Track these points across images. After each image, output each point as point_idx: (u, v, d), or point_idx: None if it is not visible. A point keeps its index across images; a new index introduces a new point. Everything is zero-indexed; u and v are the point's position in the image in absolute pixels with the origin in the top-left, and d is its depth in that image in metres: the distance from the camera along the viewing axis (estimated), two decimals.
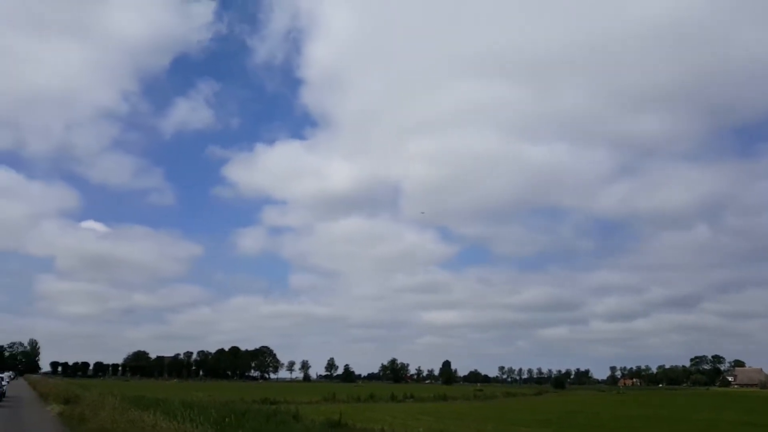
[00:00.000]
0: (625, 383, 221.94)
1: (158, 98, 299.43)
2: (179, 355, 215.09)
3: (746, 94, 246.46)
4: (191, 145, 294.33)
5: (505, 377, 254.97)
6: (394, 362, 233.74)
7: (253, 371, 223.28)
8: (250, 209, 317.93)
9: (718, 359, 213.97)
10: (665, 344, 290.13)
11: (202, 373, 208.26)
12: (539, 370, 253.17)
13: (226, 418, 16.59)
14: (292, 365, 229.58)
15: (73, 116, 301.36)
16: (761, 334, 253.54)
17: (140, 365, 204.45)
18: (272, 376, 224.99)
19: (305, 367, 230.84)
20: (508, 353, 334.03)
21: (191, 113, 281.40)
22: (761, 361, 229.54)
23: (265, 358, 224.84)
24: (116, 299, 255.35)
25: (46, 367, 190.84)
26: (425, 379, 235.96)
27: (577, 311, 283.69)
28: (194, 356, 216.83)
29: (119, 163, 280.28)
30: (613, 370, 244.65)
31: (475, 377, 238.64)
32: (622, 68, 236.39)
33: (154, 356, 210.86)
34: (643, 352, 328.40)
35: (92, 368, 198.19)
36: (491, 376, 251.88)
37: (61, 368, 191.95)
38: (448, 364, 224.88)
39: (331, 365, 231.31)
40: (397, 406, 52.84)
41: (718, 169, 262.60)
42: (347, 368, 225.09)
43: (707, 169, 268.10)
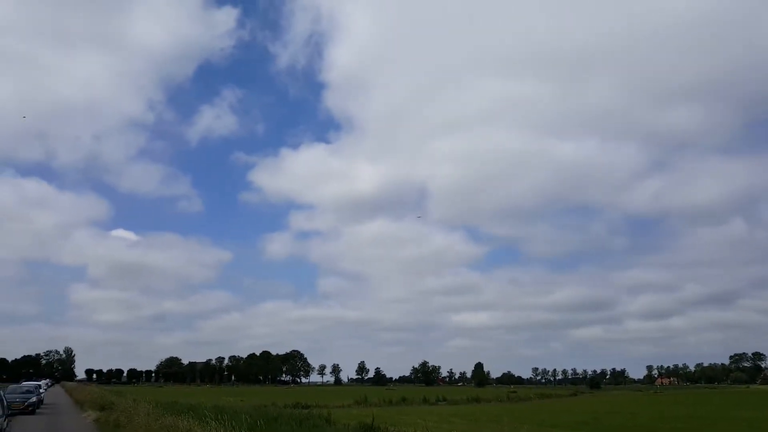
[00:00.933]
0: (662, 382, 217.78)
1: (183, 106, 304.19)
2: (211, 360, 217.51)
3: None
4: (217, 151, 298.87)
5: (539, 379, 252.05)
6: (425, 365, 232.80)
7: (284, 375, 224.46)
8: (277, 214, 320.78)
9: (758, 356, 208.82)
10: (703, 342, 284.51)
11: (234, 378, 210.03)
12: (574, 371, 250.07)
13: (258, 423, 16.47)
14: (323, 369, 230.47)
15: (100, 126, 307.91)
16: None
17: (173, 371, 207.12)
18: (303, 380, 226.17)
19: (336, 370, 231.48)
20: (541, 354, 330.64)
21: (216, 120, 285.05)
22: None
23: (295, 362, 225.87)
24: (147, 307, 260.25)
25: (81, 374, 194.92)
26: (457, 381, 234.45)
27: (610, 310, 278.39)
28: (226, 361, 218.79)
29: (147, 171, 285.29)
30: (649, 369, 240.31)
31: (508, 379, 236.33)
32: (651, 61, 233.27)
33: (186, 362, 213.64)
34: (680, 350, 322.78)
35: (126, 375, 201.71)
36: (524, 377, 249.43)
37: (95, 375, 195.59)
38: (480, 366, 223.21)
39: (361, 368, 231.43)
40: (429, 409, 52.44)
41: (752, 161, 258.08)
42: (378, 371, 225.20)
43: (741, 161, 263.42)
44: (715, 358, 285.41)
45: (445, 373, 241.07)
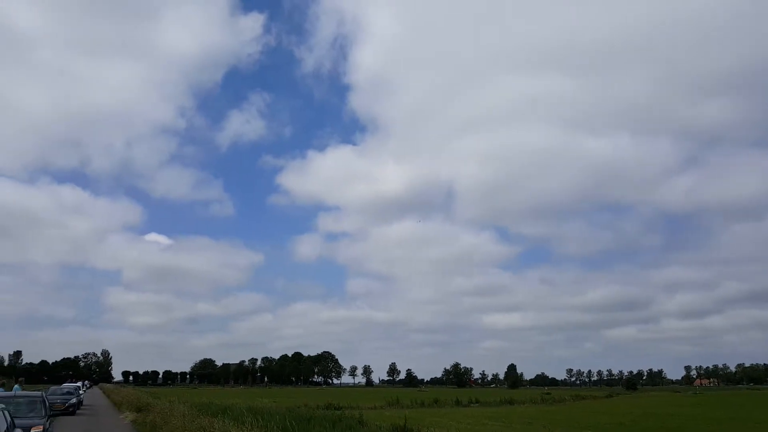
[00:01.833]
0: (701, 383, 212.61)
1: (213, 112, 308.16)
2: (244, 362, 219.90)
3: None
4: (247, 155, 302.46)
5: (573, 380, 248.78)
6: (457, 366, 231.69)
7: (316, 376, 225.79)
8: (305, 216, 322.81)
9: None
10: (744, 341, 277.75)
11: (266, 379, 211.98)
12: (609, 371, 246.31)
13: (292, 424, 16.51)
14: (354, 370, 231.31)
15: (133, 133, 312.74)
16: None
17: (207, 373, 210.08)
18: (335, 381, 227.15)
19: (367, 372, 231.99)
20: (575, 355, 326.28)
21: (245, 125, 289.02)
22: None
23: (327, 363, 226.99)
24: (181, 309, 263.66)
25: (118, 376, 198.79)
26: (490, 383, 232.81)
27: (646, 310, 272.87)
28: (258, 363, 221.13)
29: (179, 176, 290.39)
30: (687, 369, 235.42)
31: (541, 380, 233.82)
32: (683, 53, 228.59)
33: (220, 364, 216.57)
34: (719, 350, 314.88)
35: (161, 376, 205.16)
36: (558, 379, 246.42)
37: (132, 377, 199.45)
38: (513, 367, 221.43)
39: (392, 370, 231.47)
40: (462, 410, 52.03)
41: None
42: (409, 373, 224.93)
43: None
44: (756, 357, 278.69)
45: (477, 374, 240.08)
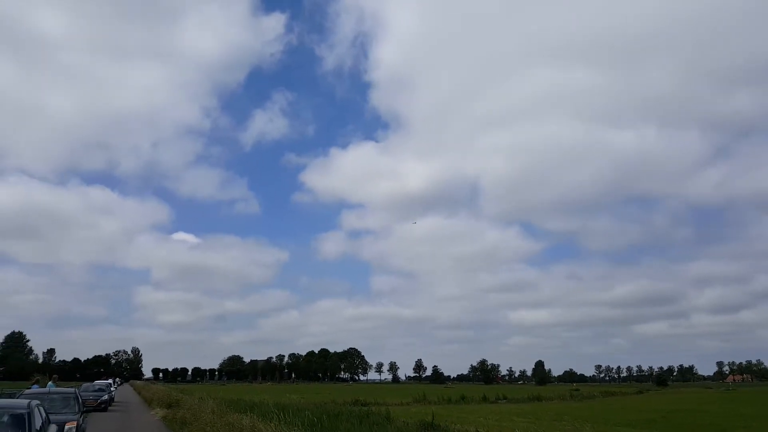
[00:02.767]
0: (734, 379, 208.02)
1: (237, 112, 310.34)
2: (271, 358, 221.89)
3: None
4: (271, 154, 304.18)
5: (602, 376, 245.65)
6: (484, 363, 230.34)
7: (342, 373, 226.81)
8: (329, 214, 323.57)
9: None
10: None
11: (294, 375, 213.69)
12: (639, 367, 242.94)
13: (320, 420, 16.57)
14: (380, 367, 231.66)
15: (159, 134, 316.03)
16: None
17: (235, 369, 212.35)
18: (361, 377, 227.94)
19: (393, 368, 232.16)
20: (603, 351, 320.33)
21: (268, 124, 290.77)
22: None
23: (353, 359, 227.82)
24: (209, 307, 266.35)
25: (148, 373, 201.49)
26: (517, 379, 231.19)
27: (676, 305, 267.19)
28: (286, 359, 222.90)
29: (205, 176, 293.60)
30: (720, 365, 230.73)
31: (570, 377, 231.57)
32: (711, 44, 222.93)
33: (247, 360, 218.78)
34: (753, 345, 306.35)
35: (191, 373, 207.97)
36: (587, 375, 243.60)
37: (162, 374, 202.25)
38: (541, 364, 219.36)
39: (419, 366, 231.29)
40: (489, 407, 51.73)
41: None
42: (436, 369, 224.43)
43: None
44: None
45: (504, 371, 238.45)
